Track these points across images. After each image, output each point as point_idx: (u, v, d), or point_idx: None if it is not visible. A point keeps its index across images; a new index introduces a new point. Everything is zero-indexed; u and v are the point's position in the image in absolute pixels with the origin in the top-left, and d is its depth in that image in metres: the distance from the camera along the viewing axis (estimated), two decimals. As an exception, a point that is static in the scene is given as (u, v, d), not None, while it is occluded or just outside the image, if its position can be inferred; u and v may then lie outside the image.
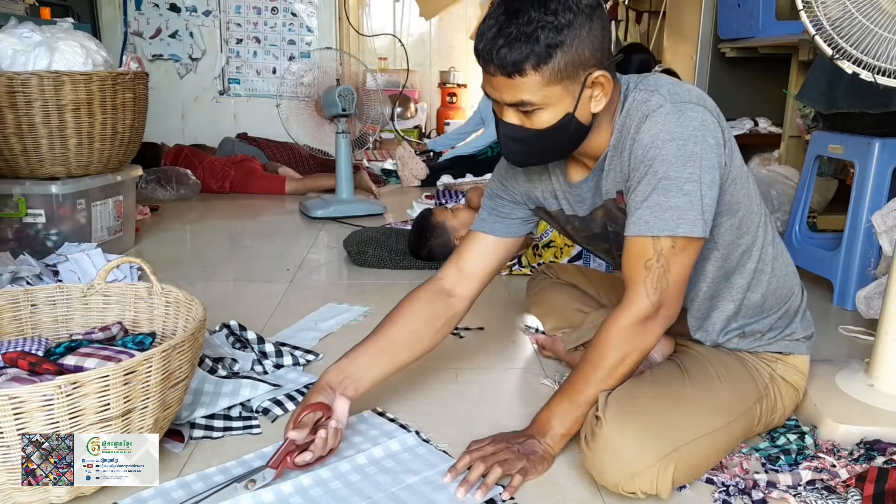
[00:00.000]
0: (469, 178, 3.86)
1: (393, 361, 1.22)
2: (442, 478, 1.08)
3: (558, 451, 1.12)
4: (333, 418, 1.14)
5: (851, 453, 1.16)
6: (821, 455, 1.15)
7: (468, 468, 1.07)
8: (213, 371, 1.37)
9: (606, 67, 1.01)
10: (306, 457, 1.08)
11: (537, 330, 1.73)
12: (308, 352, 1.57)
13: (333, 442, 1.12)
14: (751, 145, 3.25)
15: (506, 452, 1.08)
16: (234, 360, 1.45)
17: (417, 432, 1.23)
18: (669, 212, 1.00)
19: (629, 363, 1.07)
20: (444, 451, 1.18)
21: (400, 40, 4.69)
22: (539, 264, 2.25)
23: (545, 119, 1.02)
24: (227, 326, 1.57)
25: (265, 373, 1.45)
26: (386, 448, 1.17)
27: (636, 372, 1.20)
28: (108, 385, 0.94)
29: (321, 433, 1.10)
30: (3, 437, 0.89)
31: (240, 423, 1.25)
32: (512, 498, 1.05)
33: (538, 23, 0.94)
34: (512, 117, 1.05)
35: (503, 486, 1.06)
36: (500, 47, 0.96)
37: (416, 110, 6.56)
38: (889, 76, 1.17)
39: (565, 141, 1.06)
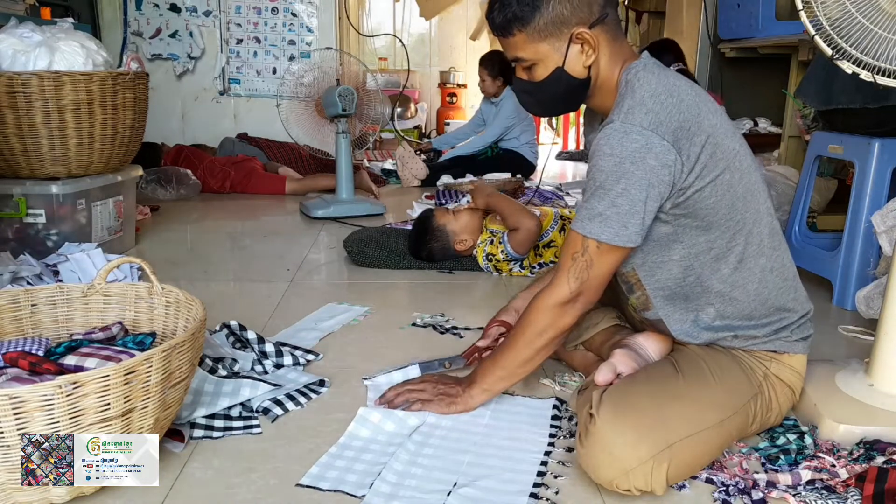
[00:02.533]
0: (469, 177, 3.86)
1: None
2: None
3: (477, 402, 1.28)
4: None
5: (851, 453, 1.16)
6: (820, 455, 1.15)
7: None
8: (213, 371, 1.37)
9: (594, 24, 1.13)
10: (488, 353, 1.43)
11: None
12: (308, 352, 1.57)
13: None
14: (750, 145, 3.24)
15: (426, 387, 1.31)
16: (235, 360, 1.45)
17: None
18: (598, 218, 1.09)
19: (547, 337, 1.19)
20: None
21: (401, 40, 4.69)
22: (539, 265, 2.25)
23: (540, 73, 1.18)
24: (228, 326, 1.58)
25: (265, 372, 1.45)
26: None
27: (633, 371, 1.21)
28: (108, 385, 0.94)
29: (501, 340, 1.41)
30: (3, 437, 0.89)
31: (240, 423, 1.25)
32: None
33: None
34: (520, 72, 1.21)
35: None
36: (493, 12, 1.16)
37: (416, 110, 6.57)
38: (889, 76, 1.17)
39: (563, 92, 1.19)
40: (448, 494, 1.05)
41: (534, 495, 1.05)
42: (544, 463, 1.14)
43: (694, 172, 1.09)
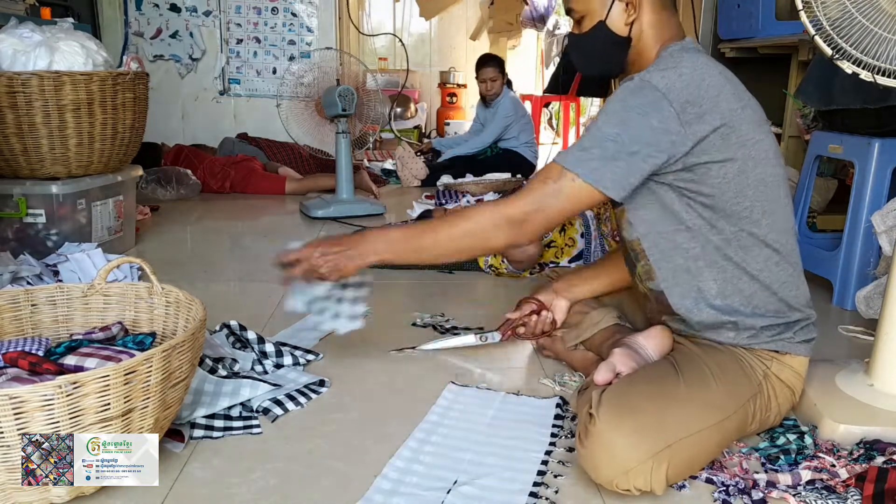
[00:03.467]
0: (469, 177, 3.86)
1: (610, 279, 1.50)
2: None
3: (366, 263, 1.30)
4: (549, 312, 1.50)
5: (851, 453, 1.16)
6: (820, 455, 1.15)
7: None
8: (213, 371, 1.37)
9: None
10: (521, 330, 1.53)
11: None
12: (308, 352, 1.57)
13: (543, 327, 1.50)
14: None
15: (321, 259, 1.30)
16: (234, 360, 1.45)
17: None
18: (580, 153, 1.13)
19: (467, 243, 1.20)
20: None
21: (400, 40, 4.69)
22: (540, 265, 2.25)
23: (586, 25, 1.24)
24: (228, 326, 1.57)
25: (265, 373, 1.45)
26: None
27: (632, 370, 1.21)
28: (108, 385, 0.94)
29: (534, 317, 1.50)
30: (3, 437, 0.89)
31: (240, 423, 1.25)
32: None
33: None
34: (574, 27, 1.28)
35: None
36: None
37: (416, 110, 6.56)
38: (889, 76, 1.17)
39: (601, 46, 1.24)
40: (448, 492, 1.05)
41: (533, 494, 1.05)
42: (545, 462, 1.14)
43: (695, 151, 1.11)
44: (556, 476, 1.11)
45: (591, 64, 1.33)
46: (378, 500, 1.04)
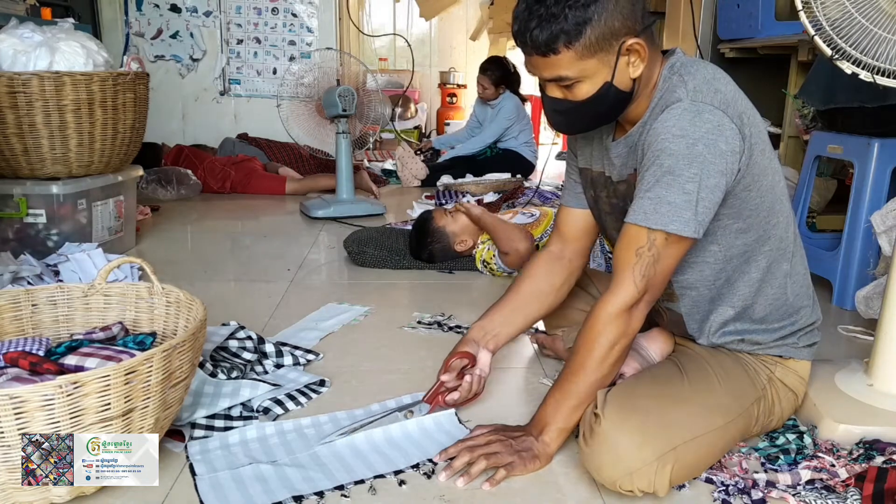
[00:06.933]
0: (469, 178, 3.86)
1: (525, 317, 1.36)
2: (438, 454, 1.14)
3: (555, 447, 1.13)
4: (477, 367, 1.30)
5: (850, 453, 1.16)
6: (820, 455, 1.15)
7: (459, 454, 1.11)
8: (213, 376, 1.36)
9: (640, 33, 1.04)
10: (454, 396, 1.27)
11: (537, 329, 1.73)
12: (308, 351, 1.57)
13: (477, 387, 1.30)
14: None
15: (498, 445, 1.11)
16: (233, 367, 1.44)
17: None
18: (666, 207, 1.02)
19: (619, 349, 1.08)
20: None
21: (406, 40, 4.68)
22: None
23: (585, 90, 1.06)
24: (239, 330, 1.57)
25: (265, 373, 1.45)
26: (399, 400, 1.34)
27: (635, 371, 1.21)
28: (108, 385, 0.94)
29: (467, 378, 1.28)
30: (3, 437, 0.90)
31: (240, 423, 1.25)
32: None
33: (565, 1, 0.99)
34: (554, 91, 1.09)
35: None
36: (532, 29, 1.01)
37: (416, 110, 6.56)
38: (888, 76, 1.17)
39: (607, 108, 1.09)
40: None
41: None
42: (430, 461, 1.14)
43: (746, 168, 1.06)
44: (557, 476, 1.11)
45: (588, 127, 1.18)
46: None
